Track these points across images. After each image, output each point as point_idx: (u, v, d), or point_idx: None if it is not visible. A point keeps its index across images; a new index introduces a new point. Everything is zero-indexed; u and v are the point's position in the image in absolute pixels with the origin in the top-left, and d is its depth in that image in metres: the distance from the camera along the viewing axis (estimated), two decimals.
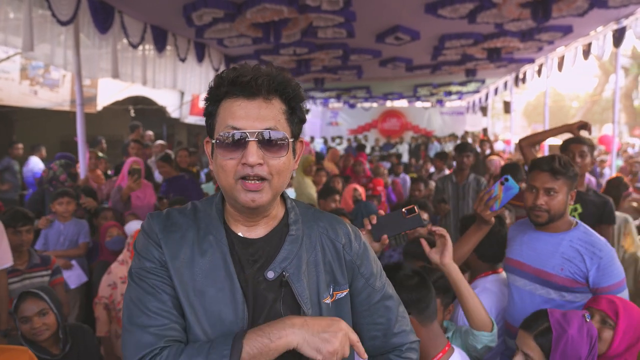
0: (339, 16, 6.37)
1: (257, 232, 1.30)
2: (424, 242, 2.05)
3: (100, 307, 3.55)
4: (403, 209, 1.90)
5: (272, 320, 1.18)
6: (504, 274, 2.60)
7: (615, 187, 4.86)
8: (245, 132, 1.17)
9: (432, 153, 14.77)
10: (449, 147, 15.97)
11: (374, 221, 1.92)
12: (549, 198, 2.21)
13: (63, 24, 4.86)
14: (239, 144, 1.18)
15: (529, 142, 3.65)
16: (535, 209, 2.24)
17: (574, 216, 3.16)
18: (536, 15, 6.11)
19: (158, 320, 1.16)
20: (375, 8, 6.40)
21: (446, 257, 1.98)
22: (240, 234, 1.29)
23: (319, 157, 9.97)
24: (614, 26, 7.13)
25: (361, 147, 13.17)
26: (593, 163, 3.35)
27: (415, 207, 1.91)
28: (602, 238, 2.25)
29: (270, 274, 1.24)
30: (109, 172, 7.37)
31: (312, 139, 19.78)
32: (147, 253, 1.24)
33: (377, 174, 8.15)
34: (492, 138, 16.33)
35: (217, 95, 1.23)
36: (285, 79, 1.23)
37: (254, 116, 1.18)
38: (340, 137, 20.60)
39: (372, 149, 18.29)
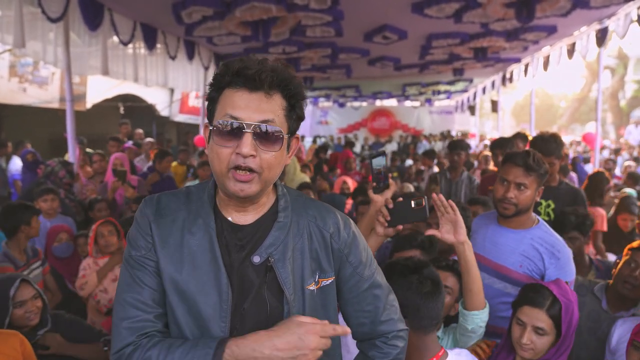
0: (327, 15, 6.45)
1: (247, 218, 1.32)
2: (433, 229, 1.98)
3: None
4: (412, 200, 1.85)
5: (258, 304, 1.26)
6: None
7: (598, 181, 4.91)
8: (242, 123, 1.20)
9: (420, 152, 14.88)
10: (438, 146, 16.10)
11: (390, 206, 1.87)
12: (519, 192, 2.26)
13: (53, 21, 4.91)
14: (235, 133, 1.20)
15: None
16: (504, 201, 2.29)
17: (548, 212, 3.28)
18: (520, 15, 6.23)
19: (132, 312, 1.24)
20: (363, 7, 6.48)
21: (460, 234, 1.93)
22: (230, 218, 1.32)
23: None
24: (597, 26, 7.28)
25: (350, 145, 13.29)
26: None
27: (424, 200, 1.84)
28: (560, 238, 2.35)
29: (256, 259, 1.27)
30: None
31: (302, 137, 19.80)
32: (135, 242, 1.30)
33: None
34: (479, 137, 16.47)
35: (221, 82, 1.25)
36: (289, 76, 1.26)
37: (253, 108, 1.21)
38: (331, 137, 20.67)
39: (362, 147, 18.39)
